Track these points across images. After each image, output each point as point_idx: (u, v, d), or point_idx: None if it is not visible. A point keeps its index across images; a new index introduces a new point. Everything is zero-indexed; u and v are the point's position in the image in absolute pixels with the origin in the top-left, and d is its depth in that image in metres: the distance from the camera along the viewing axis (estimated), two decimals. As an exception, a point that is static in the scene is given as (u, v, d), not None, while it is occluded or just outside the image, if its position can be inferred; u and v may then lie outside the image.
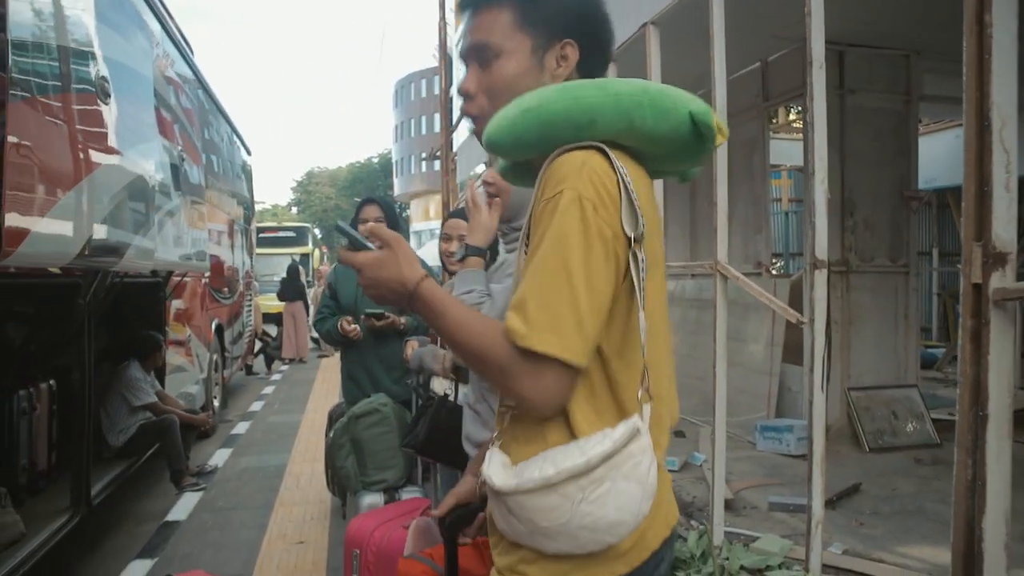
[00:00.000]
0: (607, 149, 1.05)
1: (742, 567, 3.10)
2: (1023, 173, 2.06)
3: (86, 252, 3.01)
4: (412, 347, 2.60)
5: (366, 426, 2.57)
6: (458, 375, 2.00)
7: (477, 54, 1.21)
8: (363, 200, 3.36)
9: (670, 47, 4.15)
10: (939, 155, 8.72)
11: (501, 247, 1.78)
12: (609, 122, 1.07)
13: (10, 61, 2.38)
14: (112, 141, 3.41)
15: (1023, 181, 2.13)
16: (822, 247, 2.68)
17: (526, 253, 1.07)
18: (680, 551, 3.18)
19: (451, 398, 1.94)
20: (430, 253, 9.65)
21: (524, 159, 1.18)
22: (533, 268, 1.00)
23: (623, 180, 1.03)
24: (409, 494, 2.60)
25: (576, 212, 1.00)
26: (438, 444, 1.96)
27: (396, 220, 3.38)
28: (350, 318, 3.16)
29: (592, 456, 0.97)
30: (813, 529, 2.82)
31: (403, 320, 3.09)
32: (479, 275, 1.73)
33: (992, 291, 1.89)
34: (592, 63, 1.23)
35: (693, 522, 3.78)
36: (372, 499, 2.58)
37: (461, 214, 2.76)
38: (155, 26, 4.78)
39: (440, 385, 2.29)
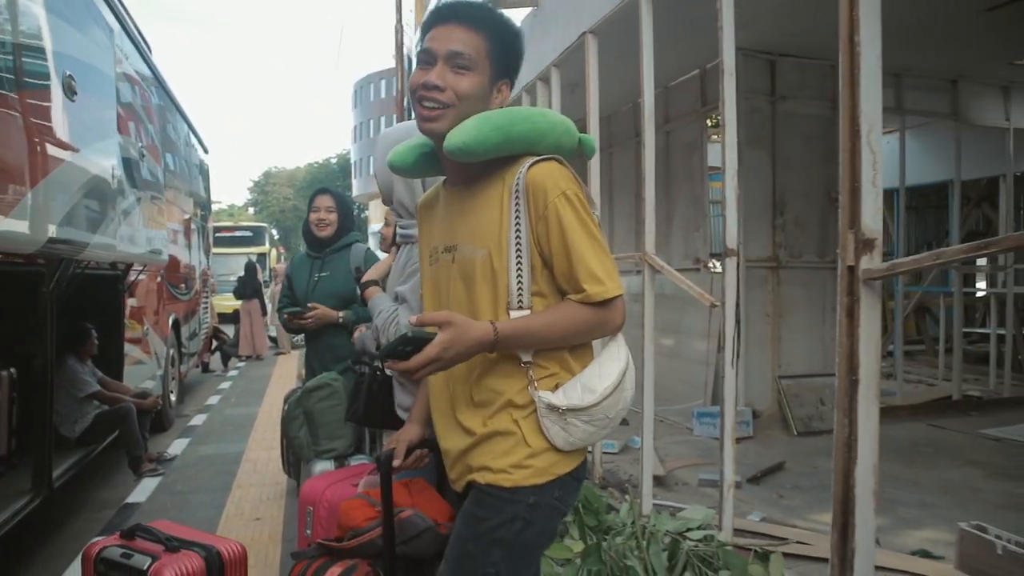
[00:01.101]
0: (562, 160, 1.50)
1: (666, 532, 3.38)
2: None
3: (53, 239, 3.18)
4: (360, 331, 2.82)
5: (318, 399, 2.79)
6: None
7: (451, 58, 1.46)
8: (316, 191, 3.55)
9: (612, 55, 4.44)
10: (872, 159, 9.20)
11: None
12: (548, 142, 1.49)
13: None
14: (77, 136, 3.57)
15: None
16: (732, 238, 2.98)
17: (516, 218, 1.44)
18: (612, 521, 3.45)
19: (379, 372, 2.17)
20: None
21: (465, 161, 1.46)
22: (576, 249, 1.41)
23: (577, 178, 1.48)
24: (357, 461, 2.83)
25: (578, 204, 1.44)
26: (376, 413, 2.19)
27: (349, 210, 3.56)
28: (298, 310, 3.33)
29: (623, 357, 1.50)
30: (725, 492, 3.11)
31: (341, 315, 3.26)
32: (383, 297, 2.20)
33: (862, 271, 2.19)
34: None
35: (627, 497, 4.06)
36: (323, 466, 2.80)
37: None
38: (114, 24, 4.92)
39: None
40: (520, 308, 1.44)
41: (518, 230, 1.44)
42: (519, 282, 1.44)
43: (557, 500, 1.47)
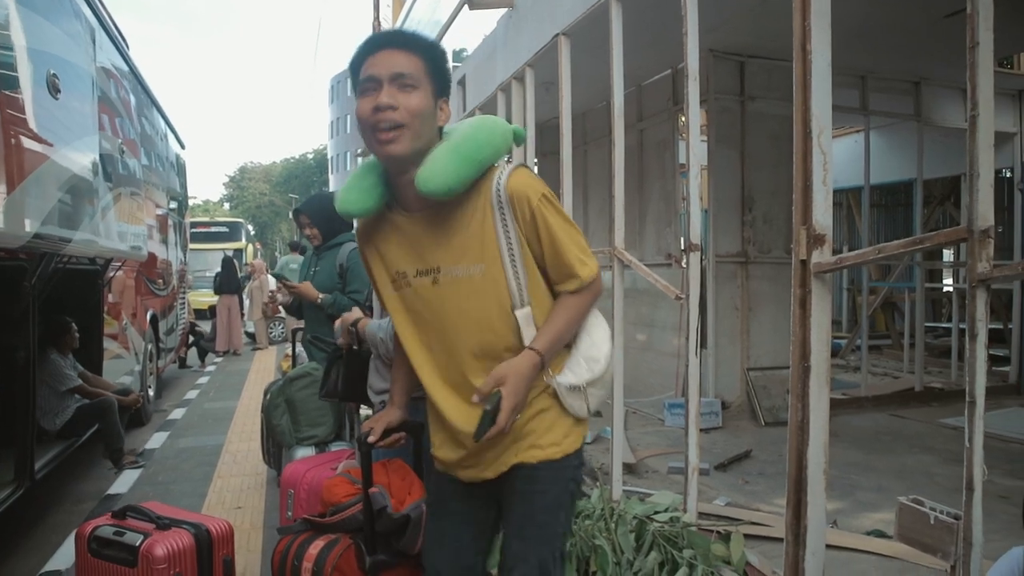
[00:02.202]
0: (524, 164, 1.72)
1: (634, 516, 3.52)
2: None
3: (38, 235, 3.25)
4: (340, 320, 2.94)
5: (299, 388, 2.90)
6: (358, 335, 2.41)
7: (396, 79, 1.54)
8: (293, 212, 3.97)
9: (586, 53, 4.56)
10: (839, 159, 9.39)
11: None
12: (502, 152, 1.67)
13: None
14: (59, 133, 3.64)
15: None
16: (695, 232, 3.13)
17: (504, 226, 1.60)
18: (584, 507, 3.58)
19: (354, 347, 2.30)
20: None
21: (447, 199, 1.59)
22: (562, 241, 1.61)
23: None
24: (337, 447, 2.94)
25: (554, 201, 1.64)
26: (353, 388, 2.31)
27: (325, 216, 3.65)
28: (286, 279, 3.74)
29: (603, 321, 1.75)
30: (690, 476, 3.25)
31: (320, 297, 3.43)
32: (374, 322, 2.37)
33: (813, 265, 2.35)
34: None
35: (598, 483, 4.20)
36: (304, 452, 2.91)
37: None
38: (93, 20, 4.96)
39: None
40: (523, 306, 1.62)
41: (508, 237, 1.59)
42: (517, 283, 1.61)
43: (584, 456, 1.75)
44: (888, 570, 3.09)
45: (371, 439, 1.74)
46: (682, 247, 6.75)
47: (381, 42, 1.59)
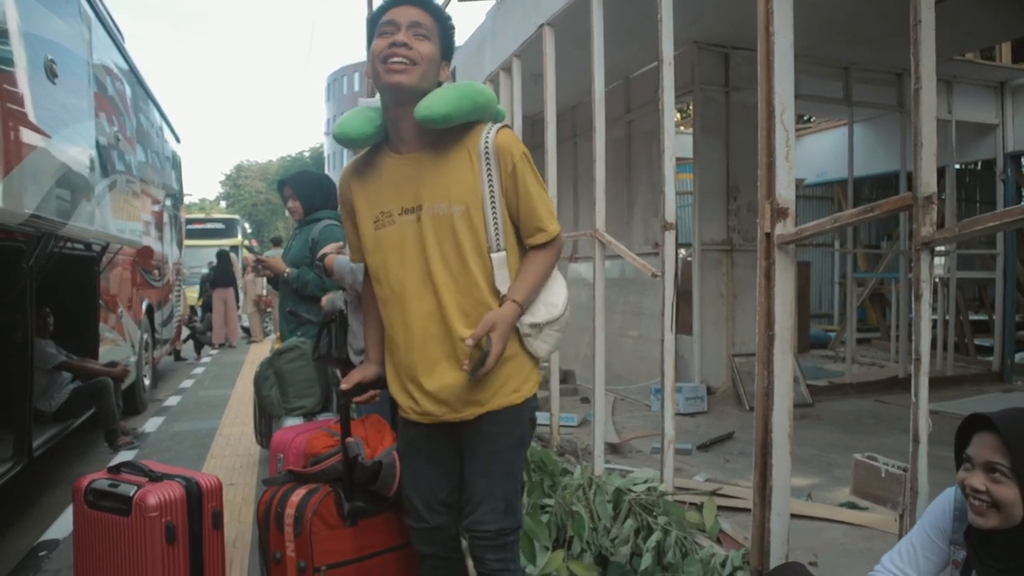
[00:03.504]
0: (510, 125, 1.87)
1: (616, 488, 3.63)
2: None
3: (35, 215, 3.35)
4: (328, 296, 3.04)
5: (287, 360, 3.00)
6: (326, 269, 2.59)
7: (413, 26, 1.74)
8: (279, 183, 3.95)
9: (572, 46, 4.66)
10: (828, 151, 9.55)
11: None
12: (492, 110, 1.84)
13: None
14: (56, 117, 3.74)
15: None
16: (671, 212, 3.24)
17: (488, 174, 1.76)
18: (567, 483, 3.69)
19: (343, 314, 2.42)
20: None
21: (441, 127, 1.75)
22: (536, 197, 1.80)
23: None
24: (324, 417, 3.05)
25: (531, 162, 1.81)
26: (344, 351, 2.42)
27: (309, 191, 3.77)
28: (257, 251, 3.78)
29: (560, 276, 1.91)
30: (666, 447, 3.36)
31: (287, 271, 3.55)
32: (341, 259, 2.56)
33: (776, 237, 2.46)
34: None
35: (581, 461, 4.31)
36: (293, 422, 3.02)
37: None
38: (89, 11, 5.06)
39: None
40: (499, 250, 1.78)
41: (491, 185, 1.76)
42: (496, 228, 1.77)
43: (537, 400, 1.91)
44: (856, 538, 3.21)
45: (343, 387, 1.85)
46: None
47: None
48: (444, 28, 1.82)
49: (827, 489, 3.88)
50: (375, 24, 1.78)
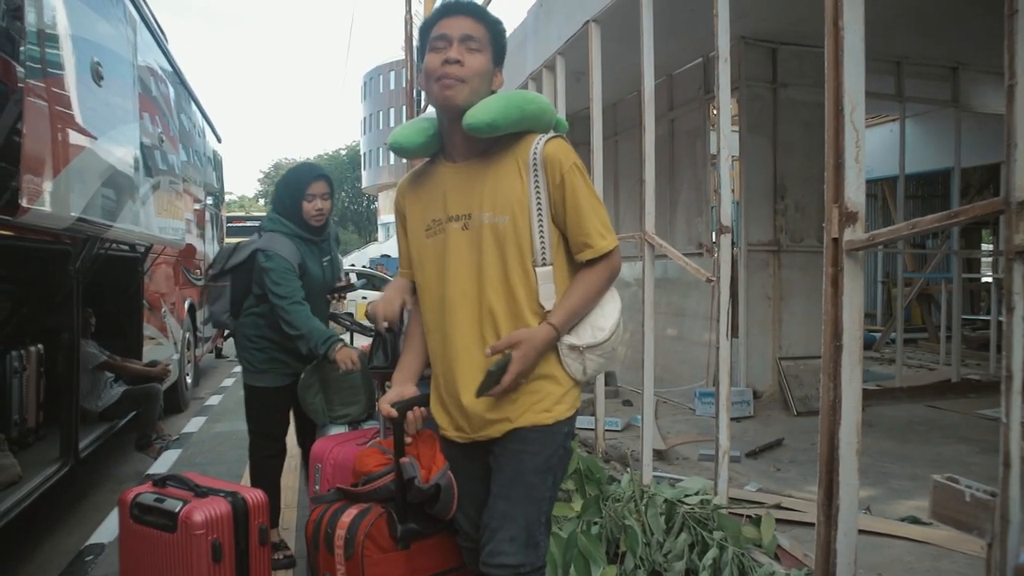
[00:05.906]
0: (563, 136, 1.78)
1: (665, 500, 3.53)
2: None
3: (82, 218, 3.35)
4: (370, 306, 2.96)
5: (332, 368, 2.94)
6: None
7: (465, 40, 1.70)
8: (308, 175, 3.14)
9: (616, 43, 4.56)
10: (875, 148, 9.25)
11: None
12: (546, 119, 1.78)
13: (25, 48, 2.71)
14: (102, 120, 3.74)
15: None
16: (727, 215, 3.12)
17: (536, 186, 1.70)
18: (614, 491, 3.60)
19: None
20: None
21: (487, 135, 1.70)
22: (585, 210, 1.70)
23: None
24: (369, 426, 2.98)
25: (584, 172, 1.73)
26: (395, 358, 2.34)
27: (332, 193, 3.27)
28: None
29: (617, 298, 1.80)
30: (720, 459, 3.25)
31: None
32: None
33: (845, 243, 2.33)
34: None
35: (628, 469, 4.21)
36: (337, 430, 2.97)
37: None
38: (133, 12, 5.07)
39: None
40: (544, 264, 1.70)
41: (538, 196, 1.70)
42: (542, 241, 1.70)
43: (574, 426, 1.81)
44: (922, 556, 3.06)
45: (389, 414, 1.76)
46: (712, 234, 6.76)
47: (455, 9, 1.75)
48: (496, 35, 1.78)
49: (885, 502, 3.73)
50: (427, 32, 1.76)
